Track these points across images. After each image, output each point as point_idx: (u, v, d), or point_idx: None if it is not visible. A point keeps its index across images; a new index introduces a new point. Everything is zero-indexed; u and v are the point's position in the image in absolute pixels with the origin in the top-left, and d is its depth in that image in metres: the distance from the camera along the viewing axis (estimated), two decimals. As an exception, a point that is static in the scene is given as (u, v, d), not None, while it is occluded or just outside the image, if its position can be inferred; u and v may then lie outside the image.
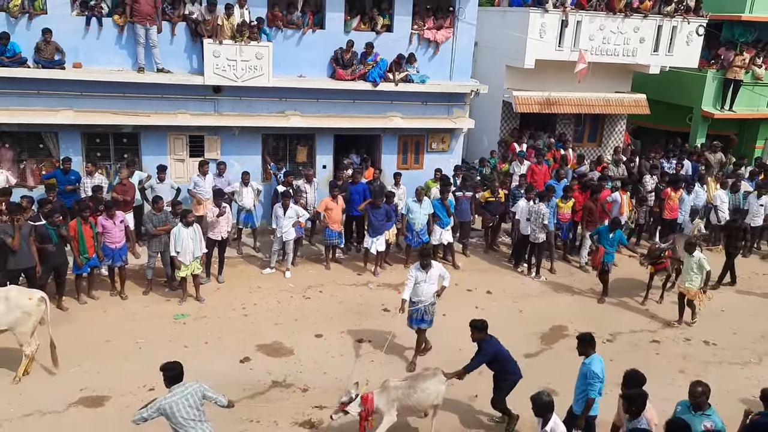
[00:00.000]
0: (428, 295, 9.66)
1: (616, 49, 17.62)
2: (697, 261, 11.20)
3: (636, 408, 6.33)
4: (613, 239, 12.43)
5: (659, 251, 12.16)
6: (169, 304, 11.51)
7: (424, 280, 9.51)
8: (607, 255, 12.44)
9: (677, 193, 14.72)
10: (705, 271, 11.20)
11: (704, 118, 19.48)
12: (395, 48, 14.93)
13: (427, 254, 9.66)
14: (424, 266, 9.50)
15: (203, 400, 6.67)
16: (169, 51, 13.54)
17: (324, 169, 15.28)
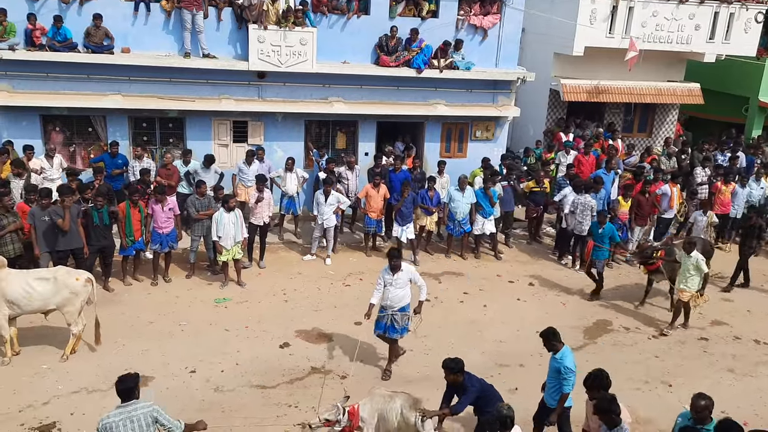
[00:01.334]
0: (396, 301, 8.82)
1: (670, 36, 17.04)
2: (695, 262, 10.41)
3: (611, 417, 5.91)
4: (602, 234, 11.65)
5: (651, 250, 11.22)
6: (211, 287, 11.64)
7: (391, 283, 8.75)
8: (597, 251, 11.69)
9: (728, 187, 14.17)
10: (703, 273, 10.42)
11: (761, 108, 18.74)
12: (441, 34, 14.72)
13: (394, 255, 8.79)
14: (392, 268, 8.75)
15: (155, 425, 5.91)
16: (215, 36, 13.62)
17: (366, 156, 15.21)
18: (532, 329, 10.82)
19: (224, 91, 13.91)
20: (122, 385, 5.91)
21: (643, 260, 11.35)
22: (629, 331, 11.02)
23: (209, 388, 8.71)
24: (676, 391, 9.24)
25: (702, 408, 5.90)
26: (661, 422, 8.43)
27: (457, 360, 7.12)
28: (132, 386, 5.93)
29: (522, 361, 9.86)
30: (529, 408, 8.59)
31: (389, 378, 9.09)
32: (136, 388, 5.96)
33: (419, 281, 8.95)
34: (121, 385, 5.91)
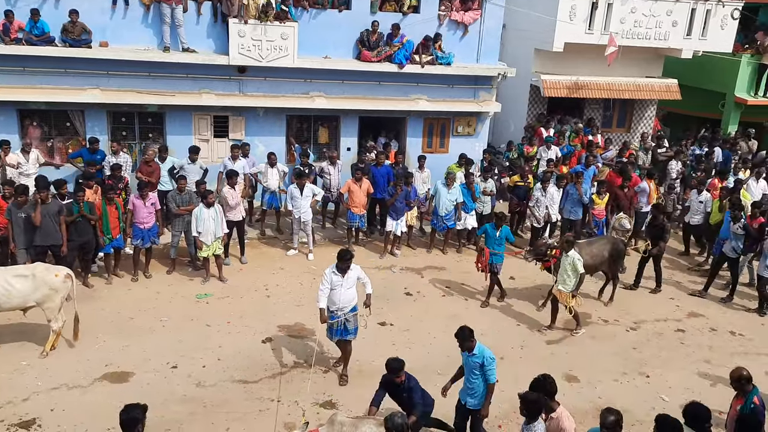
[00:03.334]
0: (348, 302, 8.52)
1: (648, 33, 17.23)
2: (572, 261, 10.08)
3: (530, 411, 6.02)
4: (500, 238, 11.23)
5: (545, 247, 10.97)
6: (192, 283, 11.60)
7: (340, 284, 8.41)
8: (494, 256, 11.19)
9: (722, 184, 14.25)
10: (579, 274, 10.09)
11: (737, 104, 19.03)
12: (422, 29, 14.76)
13: (344, 257, 8.43)
14: (341, 269, 8.38)
15: None
16: (195, 30, 13.54)
17: (348, 151, 15.22)
18: (512, 322, 10.98)
19: (204, 85, 13.84)
20: (126, 415, 5.42)
21: (537, 258, 11.11)
22: (608, 324, 11.17)
23: (191, 383, 8.69)
24: (653, 382, 9.39)
25: (611, 424, 5.74)
26: (638, 412, 8.57)
27: (400, 359, 7.07)
28: (138, 417, 5.42)
29: (503, 354, 9.91)
30: (512, 399, 8.69)
31: (347, 383, 8.79)
32: (142, 420, 5.45)
33: (365, 277, 8.69)
34: (125, 414, 5.43)
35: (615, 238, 12.07)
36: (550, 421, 6.13)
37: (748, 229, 11.62)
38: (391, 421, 5.91)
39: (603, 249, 11.30)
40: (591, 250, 11.05)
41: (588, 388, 9.15)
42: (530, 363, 9.51)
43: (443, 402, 7.61)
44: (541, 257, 11.06)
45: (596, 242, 11.56)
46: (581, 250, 10.68)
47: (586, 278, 10.38)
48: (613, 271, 11.67)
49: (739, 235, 11.72)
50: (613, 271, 11.70)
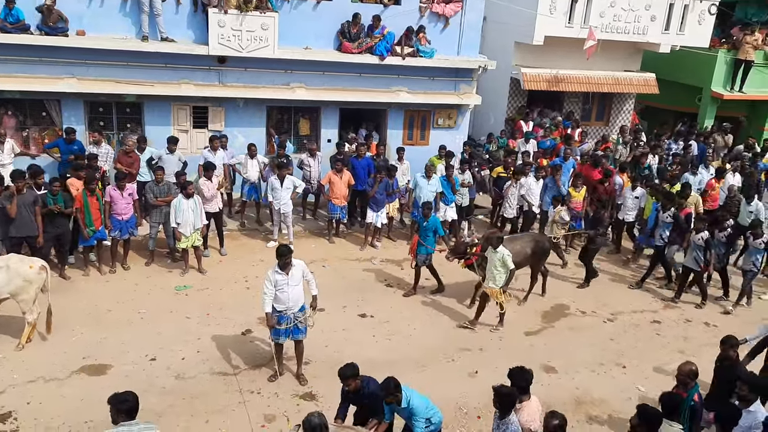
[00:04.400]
0: (296, 300, 8.23)
1: (627, 27, 17.37)
2: (501, 257, 9.92)
3: (503, 405, 5.97)
4: (427, 228, 11.04)
5: (464, 246, 10.70)
6: (171, 275, 11.51)
7: (286, 283, 8.09)
8: (422, 246, 11.04)
9: (720, 183, 14.33)
10: (509, 270, 9.96)
11: (713, 99, 19.28)
12: (403, 21, 14.73)
13: (283, 253, 8.05)
14: (283, 267, 8.05)
15: None
16: (174, 20, 13.38)
17: (329, 143, 15.18)
18: (492, 313, 11.05)
19: (184, 75, 13.70)
20: (126, 404, 5.57)
21: (457, 256, 10.76)
22: (585, 315, 11.30)
23: (170, 376, 8.64)
24: (630, 373, 9.54)
25: (555, 428, 5.78)
26: (614, 403, 8.71)
27: (353, 365, 6.55)
28: (135, 404, 5.61)
29: (482, 345, 10.04)
30: (489, 390, 8.79)
31: (306, 382, 8.56)
32: (130, 409, 5.58)
33: (309, 275, 8.39)
34: (124, 404, 5.56)
35: (539, 236, 11.86)
36: (522, 409, 6.21)
37: (678, 218, 11.88)
38: (308, 422, 5.66)
39: (526, 246, 11.09)
40: (513, 247, 10.76)
41: (566, 378, 9.27)
42: (509, 354, 9.60)
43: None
44: (461, 255, 10.73)
45: (519, 239, 11.36)
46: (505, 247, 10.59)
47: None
48: (536, 268, 11.43)
49: (667, 223, 11.96)
50: (536, 269, 11.45)
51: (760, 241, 11.34)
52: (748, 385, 6.31)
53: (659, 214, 12.16)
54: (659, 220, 12.16)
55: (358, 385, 6.50)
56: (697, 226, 11.53)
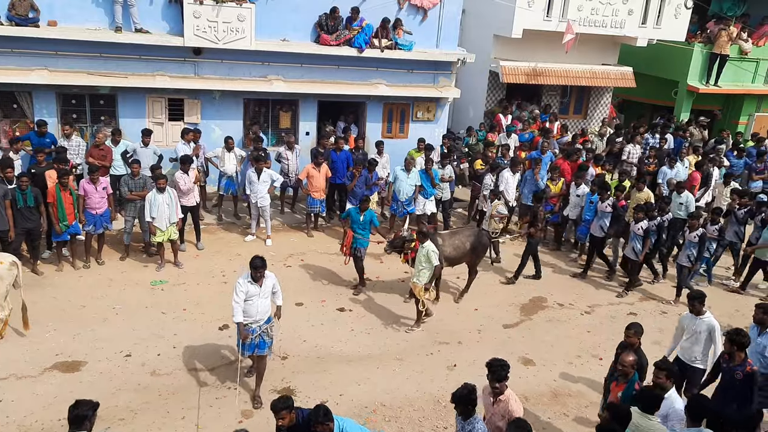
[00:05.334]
0: (264, 313, 7.85)
1: (604, 21, 17.46)
2: (426, 253, 9.69)
3: (463, 410, 5.82)
4: (363, 222, 10.89)
5: (402, 240, 10.37)
6: (146, 270, 11.36)
7: (257, 294, 7.73)
8: (358, 240, 10.89)
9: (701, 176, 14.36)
10: (433, 266, 9.73)
11: (689, 92, 19.47)
12: (381, 13, 14.64)
13: (258, 265, 7.66)
14: (256, 278, 7.70)
15: None
16: (148, 11, 13.14)
17: (307, 136, 15.07)
18: (470, 306, 11.08)
19: (159, 67, 13.49)
20: (72, 413, 5.38)
21: (395, 250, 10.47)
22: (563, 307, 11.37)
23: (145, 372, 8.53)
24: (606, 365, 9.56)
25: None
26: (591, 395, 8.77)
27: (287, 397, 6.06)
28: (87, 414, 5.38)
29: (460, 339, 10.05)
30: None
31: (261, 405, 7.93)
32: (90, 418, 5.41)
33: (278, 287, 8.04)
34: (71, 412, 5.39)
35: (480, 231, 11.59)
36: (497, 403, 6.17)
37: (616, 208, 11.98)
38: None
39: (466, 241, 10.95)
40: (453, 242, 10.79)
41: (543, 371, 9.32)
42: (487, 347, 9.63)
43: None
44: (399, 250, 10.47)
45: (459, 233, 11.20)
46: (444, 241, 10.60)
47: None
48: (473, 264, 11.25)
49: (606, 213, 12.03)
50: (474, 265, 11.27)
51: (694, 234, 11.39)
52: (666, 372, 6.38)
53: (598, 204, 12.16)
54: (598, 211, 12.16)
55: (292, 418, 5.90)
56: (636, 215, 11.54)
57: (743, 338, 6.96)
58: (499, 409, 6.16)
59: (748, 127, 20.12)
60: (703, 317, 7.95)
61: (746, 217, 12.51)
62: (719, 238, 11.95)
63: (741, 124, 20.22)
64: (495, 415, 6.19)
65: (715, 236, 11.82)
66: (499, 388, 6.12)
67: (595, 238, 12.37)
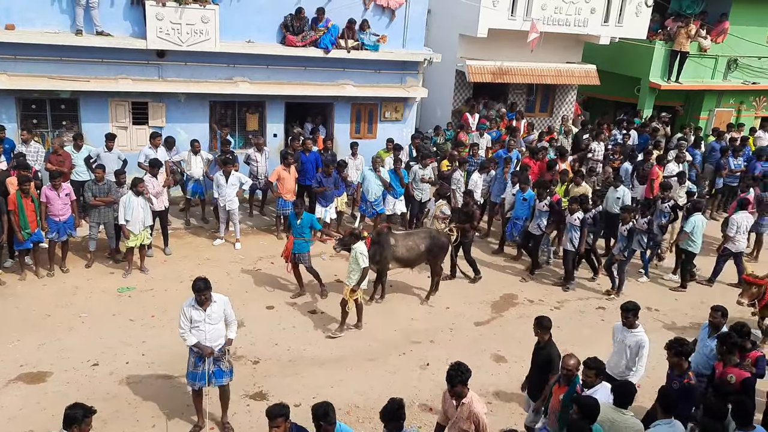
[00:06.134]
0: (215, 339, 7.22)
1: (568, 19, 17.65)
2: (355, 255, 9.48)
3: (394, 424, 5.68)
4: (300, 226, 10.52)
5: (352, 238, 9.82)
6: (113, 277, 11.16)
7: (202, 320, 7.09)
8: (298, 244, 10.53)
9: (662, 171, 14.52)
10: (361, 268, 9.48)
11: (652, 89, 19.80)
12: (347, 14, 14.61)
13: (200, 288, 7.02)
14: (201, 302, 7.05)
15: None
16: (109, 13, 12.92)
17: (275, 138, 14.97)
18: (442, 305, 11.12)
19: (121, 70, 13.26)
20: (67, 411, 5.43)
21: (344, 248, 9.93)
22: (533, 303, 11.48)
23: (114, 381, 8.38)
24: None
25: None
26: (563, 388, 8.85)
27: (283, 404, 5.70)
28: (75, 416, 5.38)
29: (433, 338, 10.08)
30: (441, 382, 8.83)
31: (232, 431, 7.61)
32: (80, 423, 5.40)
33: (231, 315, 7.42)
34: (67, 410, 5.43)
35: (436, 232, 11.37)
36: (461, 407, 6.08)
37: (553, 205, 11.98)
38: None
39: (420, 242, 10.79)
40: (407, 243, 10.67)
41: (515, 367, 9.38)
42: (460, 345, 9.69)
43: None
44: (348, 248, 9.96)
45: (414, 235, 11.06)
46: (397, 242, 10.53)
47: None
48: (434, 265, 11.10)
49: (543, 212, 12.05)
50: (436, 266, 11.11)
51: (625, 228, 11.56)
52: (595, 371, 6.35)
53: (536, 203, 12.13)
54: (536, 210, 12.14)
55: (287, 428, 5.61)
56: (571, 207, 11.59)
57: (686, 347, 6.88)
58: (464, 412, 6.07)
59: (708, 122, 20.56)
60: (635, 331, 7.55)
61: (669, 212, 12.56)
62: (649, 230, 12.12)
63: (702, 119, 20.65)
64: (460, 419, 6.09)
65: (644, 229, 12.01)
66: (458, 392, 6.00)
67: (533, 236, 12.31)
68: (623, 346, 7.62)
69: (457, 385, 5.98)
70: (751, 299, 9.95)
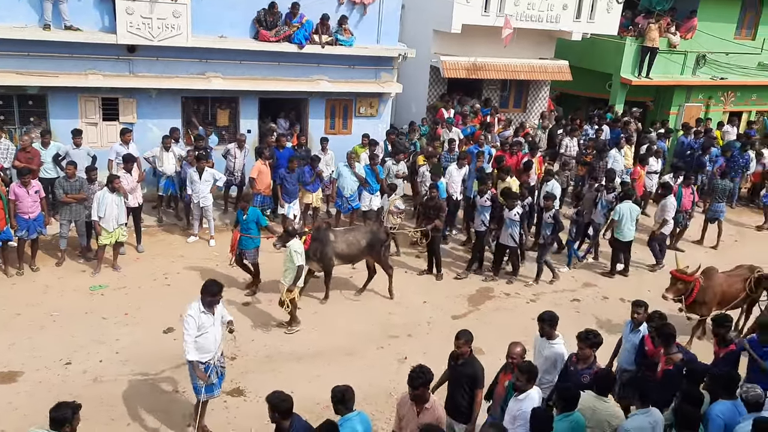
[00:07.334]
0: (218, 344, 7.07)
1: (540, 15, 17.78)
2: (289, 253, 9.24)
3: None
4: (246, 222, 10.44)
5: (291, 235, 9.52)
6: (84, 275, 10.97)
7: (211, 323, 6.93)
8: (245, 240, 10.49)
9: (644, 170, 14.71)
10: (296, 267, 9.23)
11: (623, 84, 20.05)
12: (321, 9, 14.52)
13: (212, 291, 6.89)
14: (210, 304, 6.92)
15: None
16: (78, 7, 12.64)
17: (249, 134, 14.83)
18: (419, 299, 11.14)
19: (91, 65, 13.02)
20: (53, 414, 5.29)
21: (284, 245, 9.57)
22: (509, 297, 11.57)
23: (87, 380, 8.24)
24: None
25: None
26: (539, 379, 8.92)
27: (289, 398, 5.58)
28: (64, 416, 5.27)
29: (410, 332, 10.10)
30: (418, 375, 8.84)
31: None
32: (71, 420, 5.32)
33: (225, 313, 7.32)
34: (53, 413, 5.29)
35: (376, 227, 11.20)
36: (423, 412, 5.87)
37: (495, 200, 11.99)
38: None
39: (360, 238, 10.63)
40: (347, 238, 10.54)
41: (492, 358, 9.35)
42: (437, 339, 9.70)
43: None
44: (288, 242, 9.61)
45: (355, 230, 10.96)
46: (336, 238, 10.39)
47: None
48: (379, 261, 10.92)
49: (485, 207, 12.03)
50: (381, 262, 10.93)
51: (548, 215, 11.68)
52: (527, 375, 6.14)
53: (477, 199, 12.13)
54: (478, 205, 12.11)
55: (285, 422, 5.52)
56: (509, 203, 11.59)
57: (597, 338, 6.74)
58: (427, 417, 5.82)
59: (678, 117, 20.88)
60: (553, 342, 7.20)
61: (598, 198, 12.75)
62: (578, 219, 12.25)
63: (672, 114, 20.96)
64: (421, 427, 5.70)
65: (574, 219, 12.14)
66: (420, 395, 5.82)
67: (479, 232, 12.23)
68: (545, 359, 7.20)
69: (419, 388, 5.78)
70: (677, 295, 9.79)
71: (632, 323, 7.87)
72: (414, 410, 5.91)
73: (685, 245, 14.39)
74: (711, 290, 9.81)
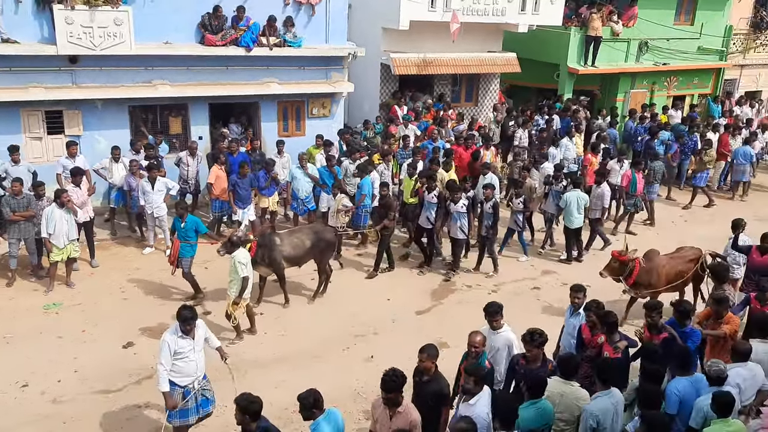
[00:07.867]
0: (201, 369, 6.91)
1: (486, 9, 17.93)
2: (234, 263, 9.00)
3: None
4: (184, 230, 10.24)
5: (238, 239, 9.23)
6: (37, 294, 10.64)
7: (191, 349, 6.73)
8: (184, 248, 10.28)
9: (597, 158, 15.00)
10: (240, 278, 8.96)
11: (570, 74, 20.40)
12: (267, 11, 14.38)
13: (187, 317, 6.66)
14: (186, 331, 6.68)
15: None
16: (15, 19, 12.26)
17: (200, 140, 14.60)
18: (383, 297, 11.15)
19: (32, 78, 12.62)
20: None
21: (229, 252, 9.18)
22: (471, 289, 11.67)
23: (46, 401, 8.01)
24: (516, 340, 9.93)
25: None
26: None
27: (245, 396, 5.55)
28: None
29: (376, 329, 10.10)
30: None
31: None
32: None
33: (208, 332, 7.17)
34: None
35: (321, 228, 11.14)
36: (396, 416, 5.77)
37: (441, 197, 12.05)
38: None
39: (305, 239, 10.52)
40: (292, 240, 10.42)
41: (458, 351, 9.34)
42: (403, 335, 9.73)
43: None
44: (234, 249, 9.29)
45: (300, 231, 10.84)
46: (282, 241, 10.27)
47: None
48: (321, 262, 10.83)
49: (432, 204, 12.08)
50: (322, 263, 10.84)
51: (488, 205, 11.86)
52: (474, 378, 6.03)
53: (425, 195, 12.12)
54: (425, 202, 12.12)
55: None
56: (453, 197, 11.66)
57: (542, 337, 6.61)
58: (400, 421, 5.73)
59: (625, 104, 21.37)
60: (500, 331, 7.22)
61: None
62: (524, 209, 12.53)
63: (619, 101, 21.45)
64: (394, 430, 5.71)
65: (520, 209, 12.43)
66: (393, 399, 5.72)
67: (422, 228, 12.27)
68: (494, 351, 7.14)
69: (392, 392, 5.69)
70: (612, 274, 10.12)
71: (572, 307, 8.05)
72: (387, 413, 5.82)
73: (638, 228, 14.76)
74: (654, 271, 10.07)
